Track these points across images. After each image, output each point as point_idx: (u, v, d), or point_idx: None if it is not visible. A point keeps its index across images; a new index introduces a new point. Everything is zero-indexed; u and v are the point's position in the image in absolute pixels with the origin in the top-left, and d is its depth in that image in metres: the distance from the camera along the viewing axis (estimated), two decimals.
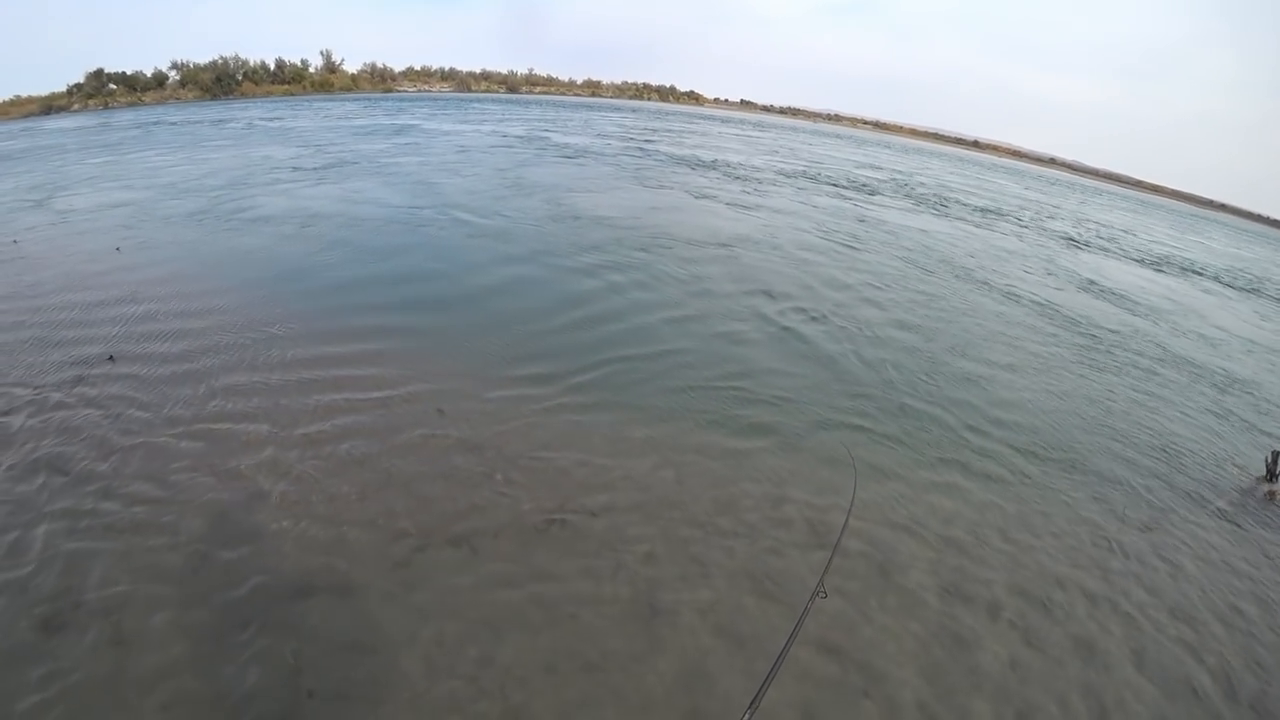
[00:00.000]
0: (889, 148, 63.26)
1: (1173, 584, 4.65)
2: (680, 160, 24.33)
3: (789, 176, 24.17)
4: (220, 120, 31.07)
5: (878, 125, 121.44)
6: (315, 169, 16.64)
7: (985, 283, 12.18)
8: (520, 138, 27.19)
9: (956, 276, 12.26)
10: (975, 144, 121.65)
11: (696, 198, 16.54)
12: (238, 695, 3.09)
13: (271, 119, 31.79)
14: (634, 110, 62.61)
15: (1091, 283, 14.22)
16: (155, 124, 29.14)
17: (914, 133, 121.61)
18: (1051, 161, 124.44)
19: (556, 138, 28.39)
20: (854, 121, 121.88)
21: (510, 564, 3.98)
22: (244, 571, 3.77)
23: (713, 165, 23.91)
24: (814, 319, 8.63)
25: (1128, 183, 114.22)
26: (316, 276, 8.49)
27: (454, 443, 5.09)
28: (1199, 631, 4.23)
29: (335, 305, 7.55)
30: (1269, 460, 6.37)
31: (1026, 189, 42.91)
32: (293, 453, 4.84)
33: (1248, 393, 8.93)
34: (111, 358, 6.04)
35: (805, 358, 7.35)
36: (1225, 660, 4.02)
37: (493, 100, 59.26)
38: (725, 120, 65.53)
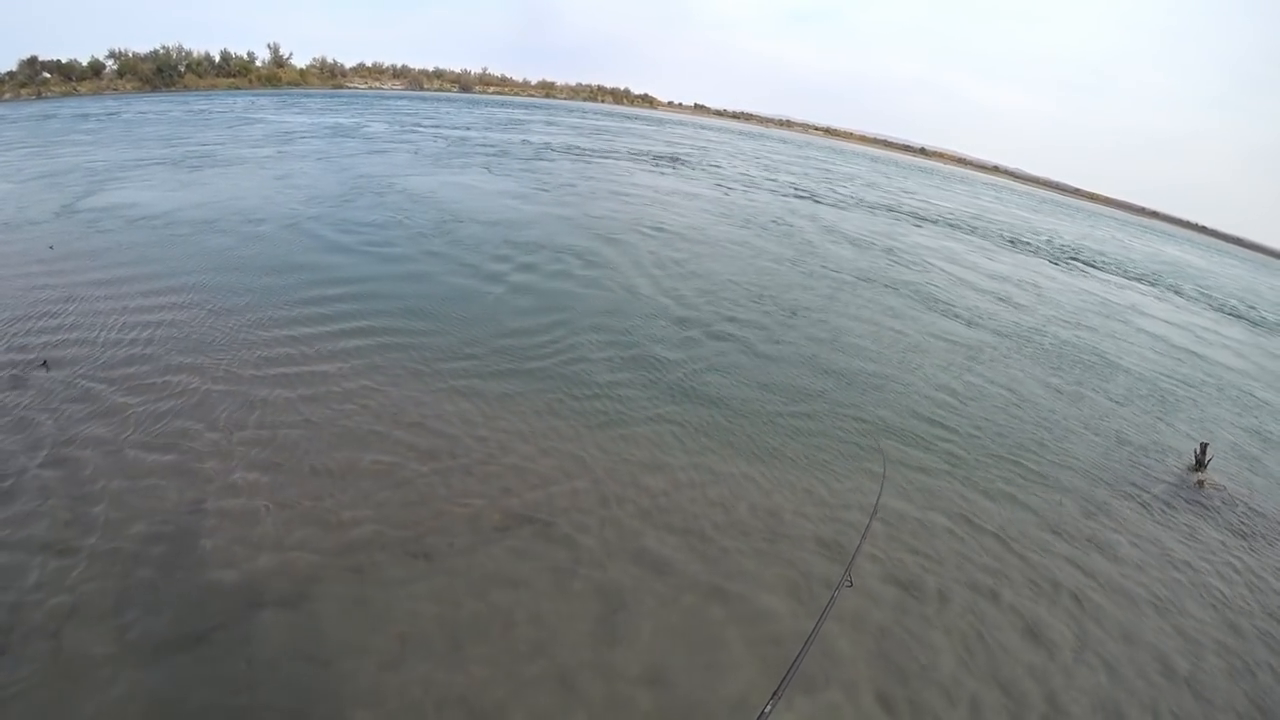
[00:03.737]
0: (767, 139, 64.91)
1: (1110, 569, 4.99)
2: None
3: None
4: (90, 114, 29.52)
5: (829, 131, 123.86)
6: (191, 166, 16.10)
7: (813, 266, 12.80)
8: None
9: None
10: (923, 151, 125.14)
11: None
12: (190, 711, 3.00)
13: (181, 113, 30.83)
14: (567, 110, 62.76)
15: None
16: (48, 117, 27.43)
17: (863, 139, 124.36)
18: (995, 169, 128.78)
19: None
20: (805, 127, 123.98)
21: (467, 569, 3.94)
22: (191, 584, 3.64)
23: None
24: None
25: (1066, 190, 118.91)
26: (236, 277, 8.24)
27: (405, 448, 5.02)
28: (1136, 614, 4.55)
29: (272, 306, 7.37)
30: (1198, 451, 6.90)
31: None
32: (238, 460, 4.70)
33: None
34: (45, 364, 5.76)
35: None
36: (1161, 640, 4.34)
37: (416, 99, 58.25)
38: (632, 117, 65.95)
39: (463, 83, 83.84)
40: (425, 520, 4.32)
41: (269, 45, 63.19)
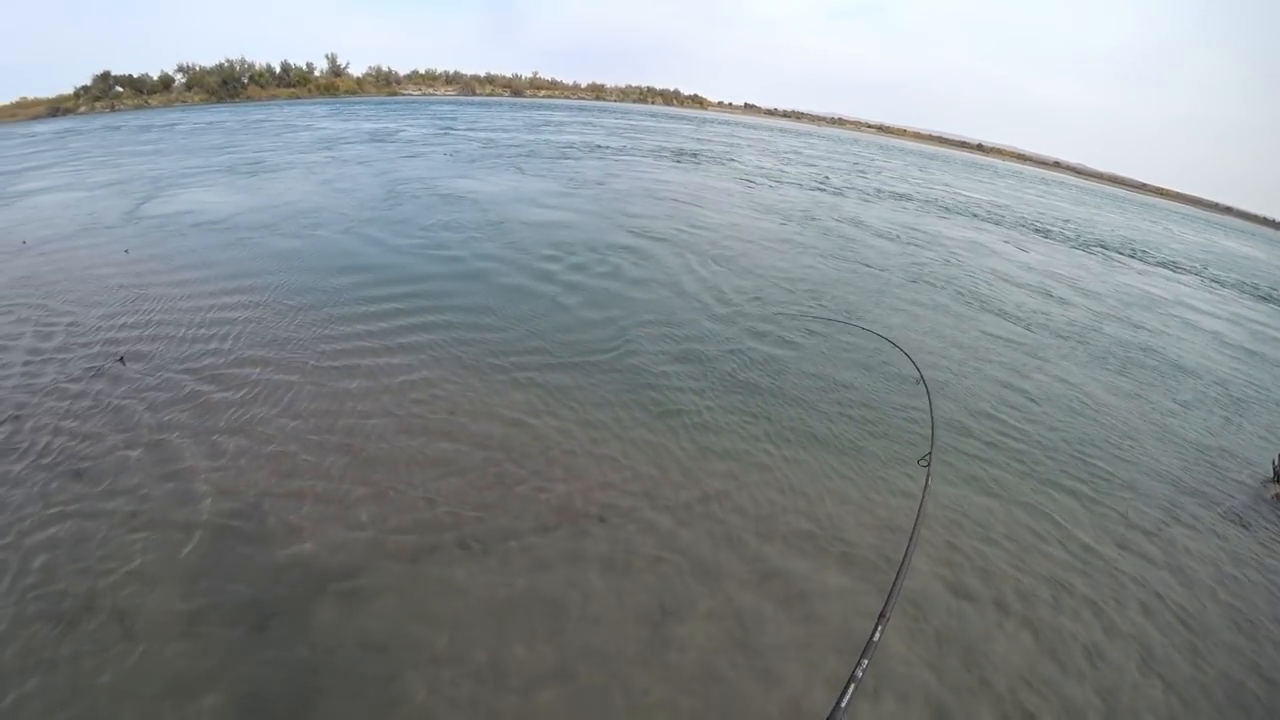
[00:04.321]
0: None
1: (1180, 585, 4.61)
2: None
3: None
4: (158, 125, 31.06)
5: (881, 129, 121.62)
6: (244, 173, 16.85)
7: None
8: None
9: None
10: (979, 147, 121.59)
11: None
12: (251, 691, 3.10)
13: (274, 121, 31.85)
14: (615, 111, 62.93)
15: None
16: (114, 129, 28.91)
17: (918, 136, 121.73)
18: (1056, 165, 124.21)
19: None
20: (857, 125, 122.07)
21: (521, 565, 3.96)
22: (257, 570, 3.78)
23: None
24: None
25: (1131, 185, 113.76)
26: (298, 277, 8.52)
27: (463, 444, 5.10)
28: (1205, 637, 4.18)
29: (331, 304, 7.60)
30: (1276, 462, 6.33)
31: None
32: (304, 453, 4.85)
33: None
34: (122, 359, 6.07)
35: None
36: (1233, 667, 3.98)
37: (462, 104, 59.18)
38: (678, 118, 65.70)
39: (514, 87, 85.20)
40: (481, 512, 4.39)
41: (327, 56, 65.33)
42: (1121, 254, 20.83)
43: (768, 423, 5.84)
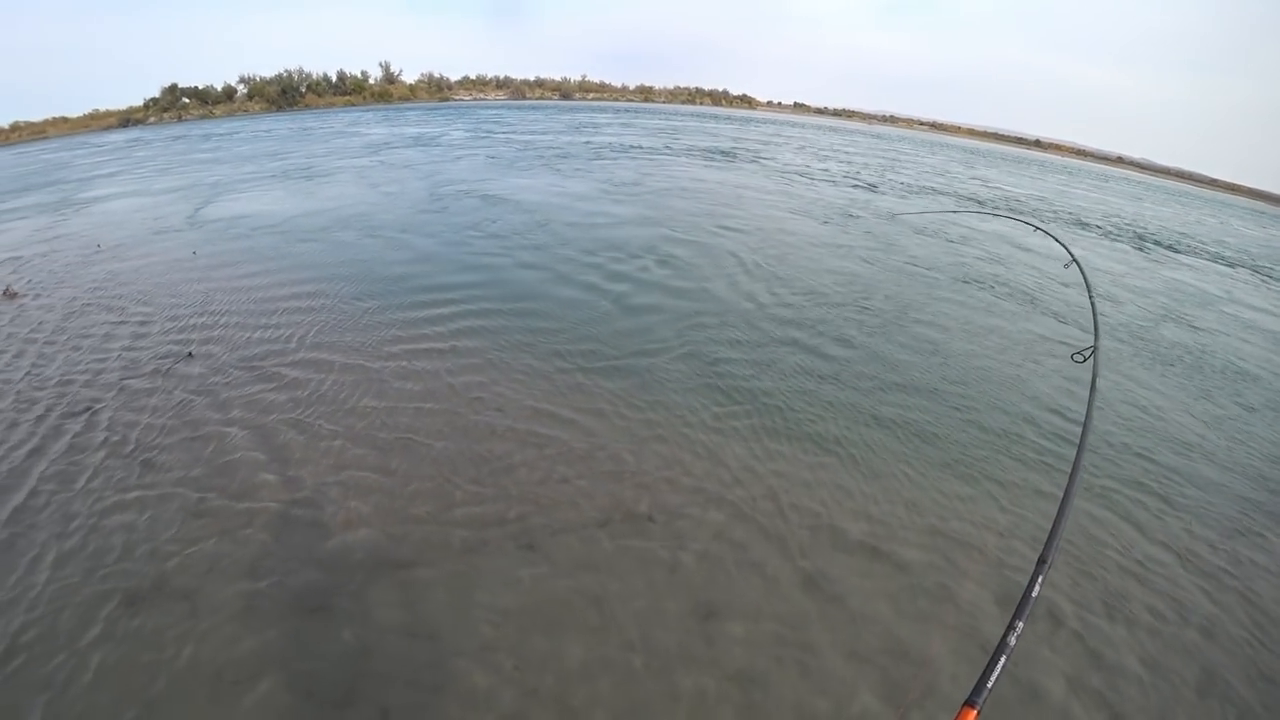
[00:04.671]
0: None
1: (1254, 597, 4.36)
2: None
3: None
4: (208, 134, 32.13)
5: (934, 126, 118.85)
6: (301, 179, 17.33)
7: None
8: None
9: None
10: (1037, 143, 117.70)
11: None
12: (303, 673, 3.22)
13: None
14: (662, 112, 62.77)
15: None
16: (178, 138, 30.31)
17: (972, 133, 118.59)
18: (1119, 160, 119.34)
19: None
20: (910, 122, 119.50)
21: (570, 562, 3.98)
22: (315, 557, 3.91)
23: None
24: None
25: (1200, 181, 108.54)
26: (357, 277, 8.81)
27: (519, 437, 5.16)
28: (1273, 654, 3.95)
29: (387, 303, 7.84)
30: None
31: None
32: (365, 444, 5.00)
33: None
34: (190, 354, 6.44)
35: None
36: None
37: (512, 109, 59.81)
38: (724, 118, 64.97)
39: (563, 90, 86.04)
40: (536, 505, 4.45)
41: (381, 64, 66.92)
42: (1174, 250, 19.79)
43: (828, 417, 5.76)
